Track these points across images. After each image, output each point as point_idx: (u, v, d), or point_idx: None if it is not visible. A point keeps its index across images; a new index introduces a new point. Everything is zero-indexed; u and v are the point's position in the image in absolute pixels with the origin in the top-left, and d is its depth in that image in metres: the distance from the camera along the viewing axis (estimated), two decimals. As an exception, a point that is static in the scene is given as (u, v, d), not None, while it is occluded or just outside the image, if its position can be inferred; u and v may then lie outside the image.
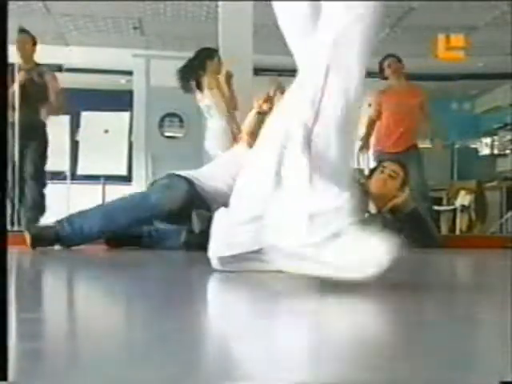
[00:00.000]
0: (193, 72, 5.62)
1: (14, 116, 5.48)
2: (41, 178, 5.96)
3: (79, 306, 1.33)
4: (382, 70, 6.17)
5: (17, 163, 5.61)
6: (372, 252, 1.31)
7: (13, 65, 5.57)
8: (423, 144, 6.60)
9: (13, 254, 2.72)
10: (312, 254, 1.35)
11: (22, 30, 5.87)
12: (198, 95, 5.69)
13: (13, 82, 5.49)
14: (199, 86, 5.59)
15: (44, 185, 6.01)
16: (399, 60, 6.19)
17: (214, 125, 5.52)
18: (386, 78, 6.20)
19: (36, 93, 5.78)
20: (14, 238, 3.13)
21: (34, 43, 5.94)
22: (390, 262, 1.29)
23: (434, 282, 1.88)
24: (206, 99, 5.54)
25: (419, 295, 1.42)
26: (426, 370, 0.68)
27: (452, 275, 2.43)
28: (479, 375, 0.68)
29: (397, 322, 1.10)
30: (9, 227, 4.64)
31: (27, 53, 5.85)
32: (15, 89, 5.52)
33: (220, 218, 1.77)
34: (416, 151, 6.15)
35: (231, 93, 5.56)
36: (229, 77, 5.57)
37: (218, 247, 1.74)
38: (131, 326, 1.04)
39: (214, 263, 1.76)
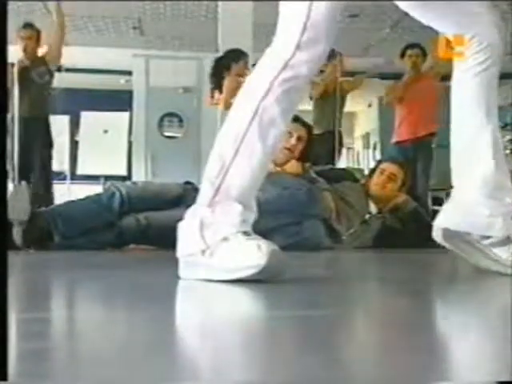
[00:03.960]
0: (217, 72, 5.65)
1: (14, 113, 5.50)
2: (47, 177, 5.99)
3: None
4: (402, 55, 6.07)
5: (16, 163, 5.62)
6: (251, 255, 1.49)
7: (13, 64, 5.56)
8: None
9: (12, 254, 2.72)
10: (204, 261, 1.54)
11: (28, 25, 5.86)
12: (216, 95, 5.68)
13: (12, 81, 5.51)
14: (220, 88, 5.60)
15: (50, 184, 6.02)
16: (424, 53, 6.01)
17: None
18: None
19: (35, 90, 5.78)
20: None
21: (39, 38, 5.92)
22: (267, 264, 1.46)
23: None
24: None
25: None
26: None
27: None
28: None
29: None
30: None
31: (31, 49, 5.83)
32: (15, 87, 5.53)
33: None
34: (431, 142, 6.19)
35: None
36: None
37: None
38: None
39: (437, 234, 1.81)
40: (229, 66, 5.63)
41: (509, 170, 1.85)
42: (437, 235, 1.84)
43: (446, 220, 1.84)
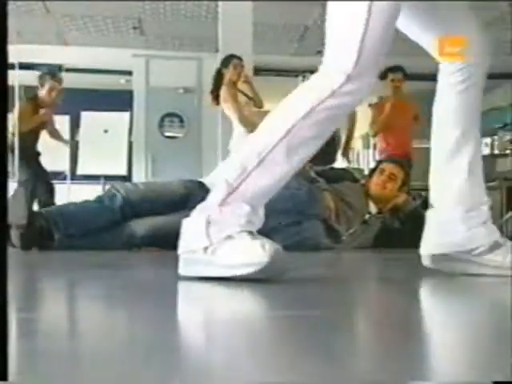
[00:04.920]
0: (216, 83, 5.72)
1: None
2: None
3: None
4: (384, 77, 6.09)
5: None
6: (254, 253, 1.51)
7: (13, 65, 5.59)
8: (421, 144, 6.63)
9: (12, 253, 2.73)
10: (206, 258, 1.57)
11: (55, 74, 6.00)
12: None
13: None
14: (217, 98, 5.66)
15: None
16: (405, 75, 6.15)
17: (235, 129, 5.58)
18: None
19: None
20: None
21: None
22: (270, 262, 1.48)
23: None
24: (225, 110, 5.62)
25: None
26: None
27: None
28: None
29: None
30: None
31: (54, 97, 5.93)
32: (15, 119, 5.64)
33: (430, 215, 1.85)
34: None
35: (254, 94, 5.66)
36: (246, 82, 5.65)
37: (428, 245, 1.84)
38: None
39: (426, 261, 1.85)
40: (222, 73, 5.67)
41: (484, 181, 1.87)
42: (426, 263, 1.86)
43: (429, 246, 1.86)
